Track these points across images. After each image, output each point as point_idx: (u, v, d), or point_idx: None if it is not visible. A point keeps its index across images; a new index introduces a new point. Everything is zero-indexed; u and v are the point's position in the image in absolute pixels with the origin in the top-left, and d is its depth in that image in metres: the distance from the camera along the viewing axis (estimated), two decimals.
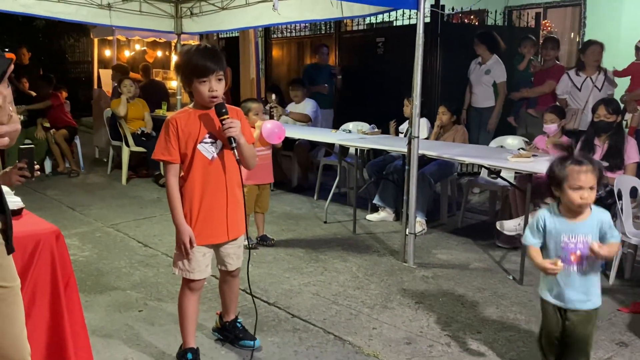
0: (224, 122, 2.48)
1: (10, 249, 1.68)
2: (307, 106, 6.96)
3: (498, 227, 4.43)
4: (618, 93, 5.81)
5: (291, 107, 7.07)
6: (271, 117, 6.94)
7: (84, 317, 2.50)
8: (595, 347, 2.99)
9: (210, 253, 2.67)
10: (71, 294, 2.37)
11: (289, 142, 6.72)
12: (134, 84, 7.36)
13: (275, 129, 4.37)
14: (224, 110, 2.49)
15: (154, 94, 8.30)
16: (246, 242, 2.89)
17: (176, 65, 2.65)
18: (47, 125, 7.52)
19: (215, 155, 2.56)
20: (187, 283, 2.67)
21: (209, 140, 2.55)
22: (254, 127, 4.35)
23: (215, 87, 2.48)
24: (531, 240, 2.41)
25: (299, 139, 6.50)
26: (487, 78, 6.44)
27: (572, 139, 4.58)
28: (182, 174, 2.59)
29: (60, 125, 7.59)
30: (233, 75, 9.44)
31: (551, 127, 4.81)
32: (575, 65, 5.91)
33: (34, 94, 7.94)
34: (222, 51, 2.88)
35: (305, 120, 6.88)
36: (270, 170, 4.63)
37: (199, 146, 2.54)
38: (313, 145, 6.69)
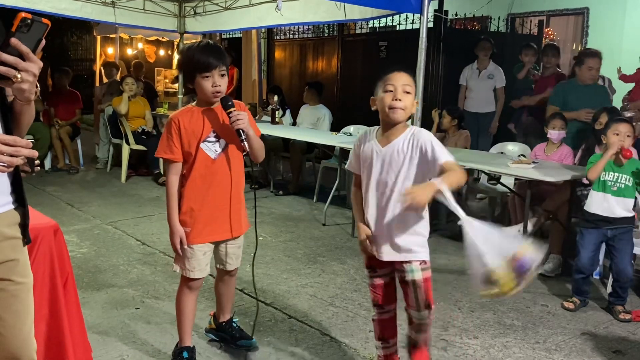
0: (231, 114, 2.45)
1: (26, 241, 1.65)
2: (319, 111, 6.87)
3: None
4: (617, 100, 5.81)
5: (303, 109, 7.04)
6: (273, 119, 6.94)
7: (82, 313, 2.50)
8: (592, 354, 3.00)
9: (210, 252, 2.66)
10: (70, 290, 2.36)
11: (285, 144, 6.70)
12: (135, 82, 7.38)
13: None
14: (230, 103, 2.47)
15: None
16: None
17: (179, 62, 2.65)
18: (62, 123, 7.58)
19: (218, 153, 2.54)
20: (186, 282, 2.65)
21: (212, 138, 2.52)
22: None
23: (218, 82, 2.46)
24: None
25: (292, 139, 6.40)
26: (490, 83, 6.52)
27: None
28: (184, 172, 2.56)
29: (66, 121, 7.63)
30: None
31: (556, 133, 4.55)
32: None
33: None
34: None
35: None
36: None
37: (202, 145, 2.51)
38: (310, 148, 6.60)
